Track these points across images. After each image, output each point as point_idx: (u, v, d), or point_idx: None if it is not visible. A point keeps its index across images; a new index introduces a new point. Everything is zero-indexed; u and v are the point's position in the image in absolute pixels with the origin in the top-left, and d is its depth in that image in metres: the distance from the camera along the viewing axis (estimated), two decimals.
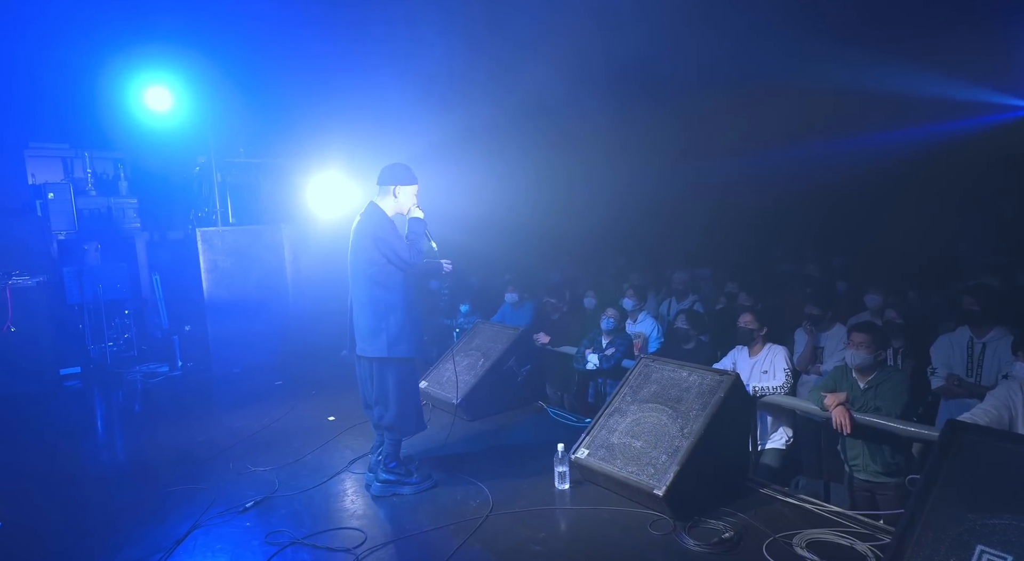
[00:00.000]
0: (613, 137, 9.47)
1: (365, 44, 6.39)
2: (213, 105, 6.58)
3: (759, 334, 4.31)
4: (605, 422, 3.41)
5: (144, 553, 2.81)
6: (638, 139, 9.80)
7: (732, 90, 8.24)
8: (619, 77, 7.93)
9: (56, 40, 6.01)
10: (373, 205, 3.32)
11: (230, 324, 6.45)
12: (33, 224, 6.47)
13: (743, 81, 7.98)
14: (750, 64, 7.49)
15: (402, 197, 3.34)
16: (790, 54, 7.36)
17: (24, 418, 5.17)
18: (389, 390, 3.28)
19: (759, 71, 7.71)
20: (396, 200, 3.33)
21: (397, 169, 3.36)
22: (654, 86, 8.22)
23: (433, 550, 2.77)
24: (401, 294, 3.27)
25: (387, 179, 3.34)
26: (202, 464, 3.86)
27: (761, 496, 3.10)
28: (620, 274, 8.96)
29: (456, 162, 8.01)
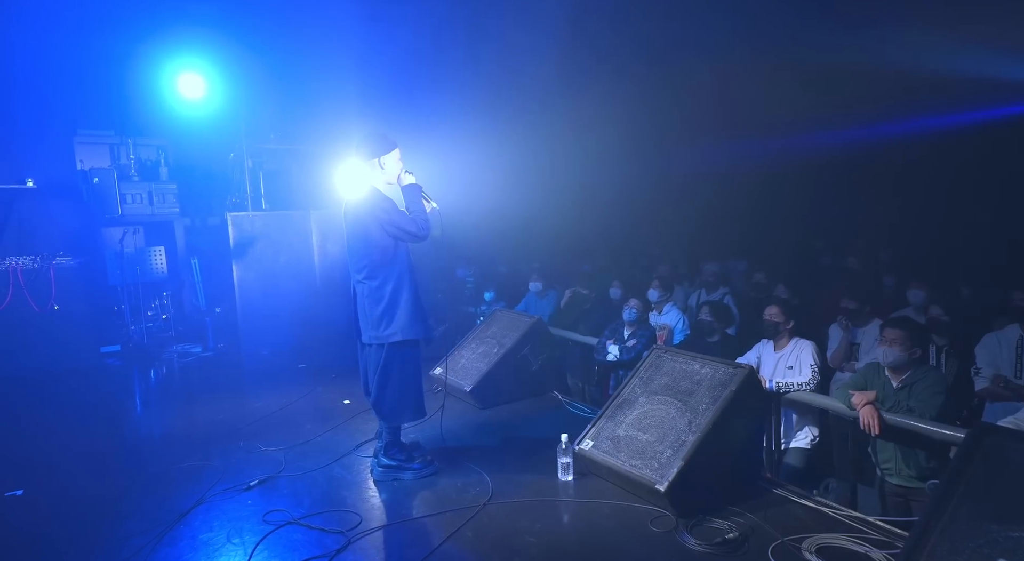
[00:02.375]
0: (649, 122, 9.17)
1: (394, 31, 6.37)
2: (245, 92, 6.70)
3: (785, 327, 4.09)
4: (612, 413, 3.29)
5: (148, 525, 2.87)
6: (675, 123, 9.46)
7: (776, 67, 7.83)
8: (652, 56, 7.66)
9: (102, 29, 6.23)
10: (367, 186, 3.23)
11: (259, 307, 6.59)
12: (79, 208, 6.77)
13: (786, 58, 7.56)
14: (795, 40, 7.08)
15: (388, 166, 3.23)
16: (845, 29, 6.91)
17: (64, 393, 5.42)
18: (391, 376, 3.23)
19: (805, 47, 7.28)
20: (384, 171, 3.22)
21: (374, 138, 3.22)
22: (691, 64, 7.89)
23: (424, 536, 2.72)
24: (406, 276, 3.21)
25: (368, 152, 3.20)
26: (217, 441, 3.94)
27: (774, 497, 2.92)
28: (651, 265, 8.72)
29: (487, 150, 7.95)
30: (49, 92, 6.51)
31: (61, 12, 5.74)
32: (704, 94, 8.35)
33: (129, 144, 7.70)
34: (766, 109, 8.85)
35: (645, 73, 7.81)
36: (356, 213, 3.21)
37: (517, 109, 8.19)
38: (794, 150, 9.86)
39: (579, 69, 7.32)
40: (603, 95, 8.14)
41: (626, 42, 7.03)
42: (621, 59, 7.44)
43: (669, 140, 9.78)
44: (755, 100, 8.55)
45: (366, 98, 6.62)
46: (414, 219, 3.14)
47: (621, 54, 7.31)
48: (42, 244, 6.23)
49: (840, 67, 7.58)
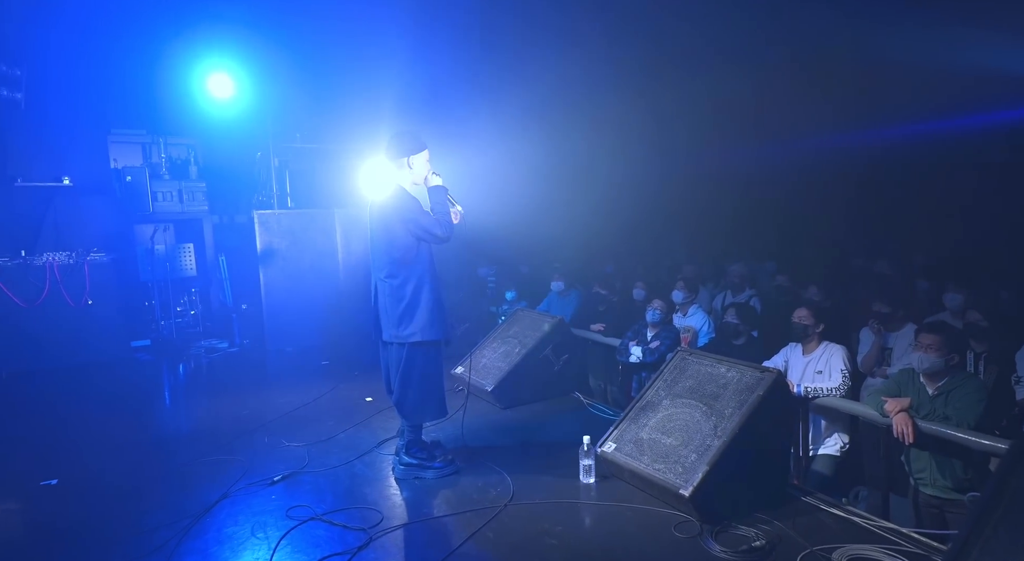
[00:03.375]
0: (676, 122, 9.06)
1: (417, 28, 6.38)
2: (272, 92, 6.80)
3: (815, 331, 3.99)
4: (636, 416, 3.24)
5: (175, 517, 2.92)
6: (702, 124, 9.32)
7: (806, 67, 7.66)
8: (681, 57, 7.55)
9: (135, 30, 6.36)
10: (394, 184, 3.24)
11: (284, 304, 6.68)
12: (112, 205, 6.94)
13: (816, 58, 7.39)
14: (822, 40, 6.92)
15: (416, 166, 3.23)
16: (873, 28, 6.73)
17: (95, 386, 5.56)
18: (413, 375, 3.23)
19: (834, 48, 7.11)
20: (412, 171, 3.23)
21: (404, 137, 3.22)
22: (722, 65, 7.76)
23: (445, 535, 2.72)
24: (428, 276, 3.21)
25: (397, 151, 3.21)
26: (242, 436, 3.99)
27: (803, 505, 2.85)
28: (676, 265, 8.61)
29: (511, 149, 7.93)
30: (84, 92, 6.68)
31: (96, 14, 5.87)
32: (732, 95, 8.21)
33: (160, 143, 7.88)
34: (795, 110, 8.67)
35: (674, 74, 7.71)
36: (382, 211, 3.22)
37: (542, 108, 8.16)
38: (824, 151, 9.64)
39: (608, 69, 7.26)
40: (631, 95, 8.06)
41: (654, 43, 6.95)
42: (650, 60, 7.36)
43: (696, 141, 9.65)
44: (783, 101, 8.39)
45: (392, 97, 6.66)
46: (439, 220, 3.14)
47: (650, 55, 7.23)
48: (77, 240, 6.40)
49: (872, 67, 7.38)
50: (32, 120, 6.23)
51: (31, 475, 3.47)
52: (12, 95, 5.41)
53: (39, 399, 5.19)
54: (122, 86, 7.04)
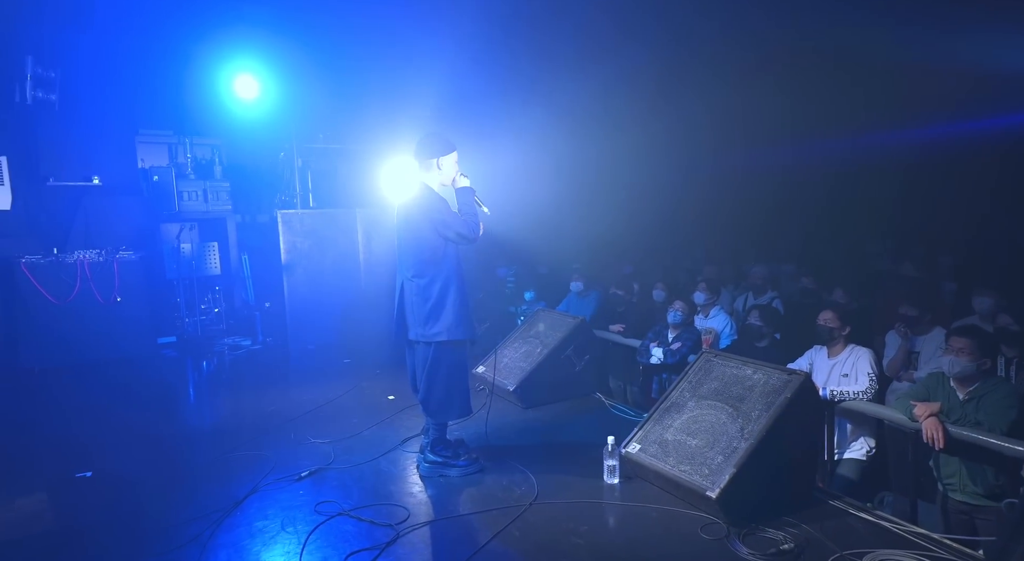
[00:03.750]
0: (696, 123, 9.01)
1: (439, 28, 6.42)
2: (296, 92, 6.88)
3: (840, 333, 3.95)
4: (660, 417, 3.24)
5: (207, 510, 2.98)
6: (722, 125, 9.25)
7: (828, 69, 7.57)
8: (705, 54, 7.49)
9: (162, 32, 6.49)
10: (421, 185, 3.28)
11: (306, 303, 6.76)
12: (140, 204, 7.08)
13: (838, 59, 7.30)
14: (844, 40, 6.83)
15: (445, 167, 3.26)
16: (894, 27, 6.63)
17: (125, 381, 5.68)
18: (439, 374, 3.27)
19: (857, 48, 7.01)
20: (440, 172, 3.26)
21: (434, 139, 3.26)
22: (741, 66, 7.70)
23: (471, 533, 2.74)
24: (454, 276, 3.24)
25: (427, 152, 3.24)
26: (268, 433, 4.06)
27: (831, 508, 2.83)
28: (695, 267, 8.56)
29: (528, 150, 7.94)
30: (113, 93, 6.82)
31: (125, 17, 5.99)
32: (753, 96, 8.14)
33: (186, 143, 8.01)
34: (815, 112, 8.58)
35: (696, 75, 7.67)
36: (409, 212, 3.25)
37: (562, 109, 8.16)
38: (847, 152, 9.52)
39: (629, 70, 7.24)
40: (651, 96, 8.03)
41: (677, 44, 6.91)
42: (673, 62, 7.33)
43: (717, 143, 9.58)
44: (803, 102, 8.30)
45: (413, 98, 6.71)
46: (466, 221, 3.17)
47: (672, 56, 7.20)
48: (106, 239, 6.55)
49: (900, 66, 7.27)
50: (64, 121, 6.39)
51: (66, 467, 3.56)
52: (47, 97, 5.55)
53: (70, 394, 5.32)
54: (149, 87, 7.17)
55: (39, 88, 5.45)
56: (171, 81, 7.19)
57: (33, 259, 5.91)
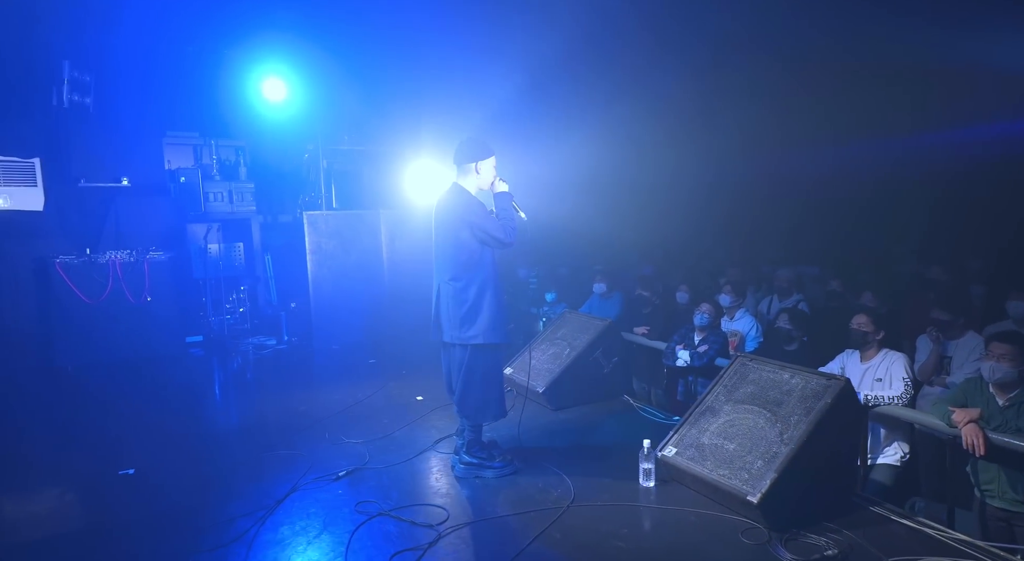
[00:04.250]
0: (714, 121, 8.97)
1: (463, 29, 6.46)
2: (322, 95, 6.95)
3: (874, 338, 3.92)
4: (696, 421, 3.25)
5: (250, 508, 3.04)
6: (741, 123, 9.20)
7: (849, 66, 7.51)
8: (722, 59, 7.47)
9: (187, 35, 6.59)
10: (457, 187, 3.30)
11: (331, 303, 6.83)
12: (168, 205, 7.19)
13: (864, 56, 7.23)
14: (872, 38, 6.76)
15: (484, 172, 3.30)
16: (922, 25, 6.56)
17: (156, 379, 5.79)
18: (475, 377, 3.30)
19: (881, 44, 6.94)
20: (478, 176, 3.29)
21: (473, 144, 3.29)
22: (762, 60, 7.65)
23: (512, 534, 2.77)
24: (491, 280, 3.27)
25: (466, 156, 3.28)
26: (301, 432, 4.12)
27: (871, 515, 2.82)
28: (716, 269, 8.53)
29: (549, 152, 7.96)
30: (143, 96, 6.93)
31: (156, 21, 6.09)
32: (778, 98, 8.10)
33: (212, 145, 8.12)
34: (841, 114, 8.52)
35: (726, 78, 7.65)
36: (447, 214, 3.28)
37: (581, 111, 8.17)
38: (870, 156, 9.44)
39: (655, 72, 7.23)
40: (675, 97, 8.01)
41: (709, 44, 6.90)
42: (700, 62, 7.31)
43: (741, 145, 9.54)
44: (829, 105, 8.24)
45: (437, 100, 6.76)
46: (503, 225, 3.20)
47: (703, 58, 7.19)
48: (136, 239, 6.66)
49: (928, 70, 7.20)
50: (96, 123, 6.50)
51: (108, 465, 3.63)
52: (83, 100, 5.66)
53: (105, 392, 5.41)
54: (177, 90, 7.29)
55: (75, 92, 5.56)
56: (198, 84, 7.30)
57: (67, 259, 6.03)
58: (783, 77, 7.72)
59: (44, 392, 5.47)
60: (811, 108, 8.47)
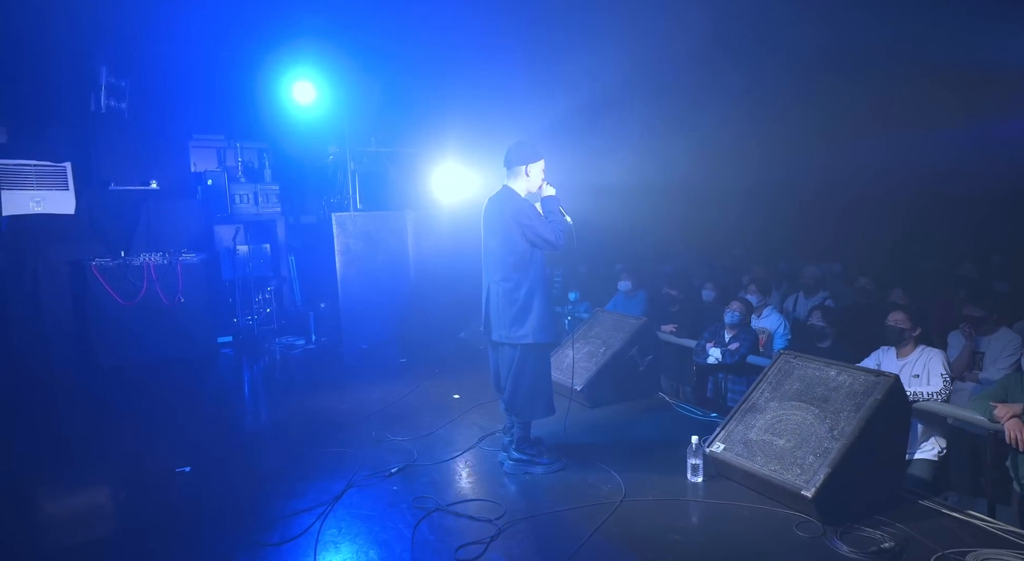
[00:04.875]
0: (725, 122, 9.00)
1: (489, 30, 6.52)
2: (350, 98, 7.02)
3: (911, 334, 3.98)
4: (742, 417, 3.32)
5: (309, 504, 3.13)
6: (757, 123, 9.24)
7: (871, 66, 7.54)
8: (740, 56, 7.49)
9: (220, 40, 6.67)
10: (508, 189, 3.37)
11: (359, 303, 6.92)
12: (195, 207, 7.29)
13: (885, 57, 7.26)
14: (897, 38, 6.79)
15: (533, 175, 3.37)
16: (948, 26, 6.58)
17: (193, 379, 5.90)
18: (525, 375, 3.37)
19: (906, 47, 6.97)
20: (528, 179, 3.36)
21: (525, 147, 3.37)
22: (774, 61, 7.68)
23: (570, 528, 2.84)
24: (540, 280, 3.34)
25: (517, 159, 3.35)
26: (347, 430, 4.21)
27: (920, 508, 2.88)
28: (736, 266, 8.59)
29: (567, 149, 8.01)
30: (172, 100, 7.04)
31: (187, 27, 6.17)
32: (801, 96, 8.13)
33: (237, 147, 8.22)
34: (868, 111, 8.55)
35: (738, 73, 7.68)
36: (499, 215, 3.35)
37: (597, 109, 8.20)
38: (883, 152, 9.46)
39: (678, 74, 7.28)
40: (691, 92, 8.05)
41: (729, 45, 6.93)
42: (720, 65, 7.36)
43: (757, 143, 9.57)
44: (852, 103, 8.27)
45: (462, 100, 6.82)
46: (553, 228, 3.27)
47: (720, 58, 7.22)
48: (167, 241, 6.76)
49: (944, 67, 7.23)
50: (127, 127, 6.61)
51: (164, 463, 3.73)
52: (119, 105, 5.75)
53: (146, 391, 5.53)
54: (204, 93, 7.39)
55: (112, 97, 5.65)
56: (225, 87, 7.39)
57: (103, 262, 6.14)
58: (799, 77, 7.75)
59: (87, 392, 5.59)
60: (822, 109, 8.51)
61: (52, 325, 6.16)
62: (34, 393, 5.52)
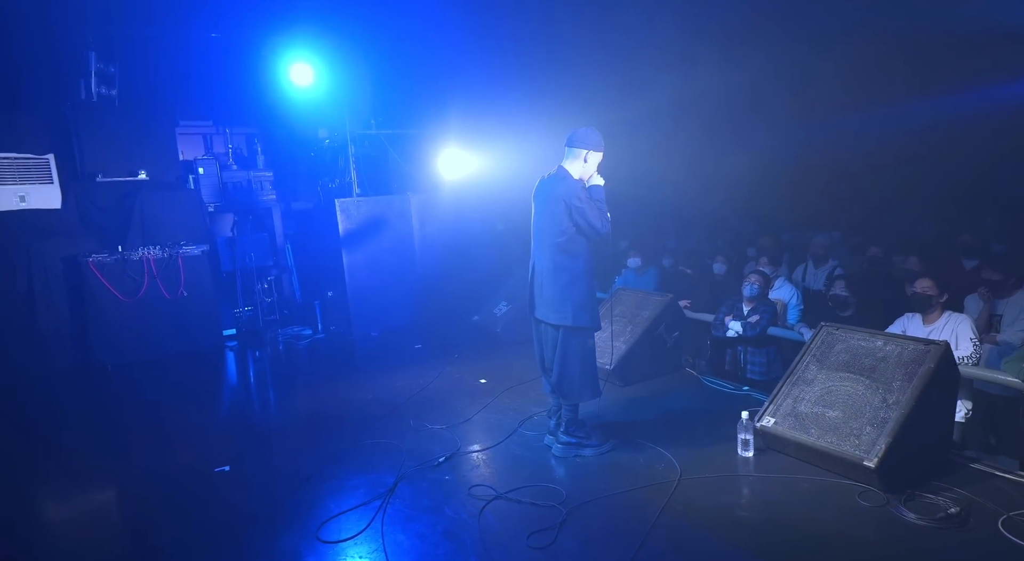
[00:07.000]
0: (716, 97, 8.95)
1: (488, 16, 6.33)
2: (348, 80, 6.77)
3: (939, 301, 4.05)
4: (789, 391, 3.34)
5: (365, 498, 3.08)
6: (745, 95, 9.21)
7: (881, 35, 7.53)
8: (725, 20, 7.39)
9: (204, 21, 6.36)
10: (563, 170, 3.31)
11: (367, 290, 6.79)
12: (188, 197, 7.00)
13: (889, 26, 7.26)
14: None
15: (591, 162, 3.32)
16: None
17: (206, 375, 5.75)
18: (571, 358, 3.34)
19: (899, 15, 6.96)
20: (585, 165, 3.31)
21: (591, 134, 3.31)
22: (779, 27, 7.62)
23: (636, 510, 2.84)
24: (586, 263, 3.29)
25: (581, 142, 3.29)
26: (380, 421, 4.14)
27: (974, 471, 2.96)
28: (737, 239, 8.65)
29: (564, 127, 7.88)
30: (158, 86, 6.70)
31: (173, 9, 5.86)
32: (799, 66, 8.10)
33: (226, 133, 7.91)
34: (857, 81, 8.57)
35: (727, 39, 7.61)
36: (551, 194, 3.28)
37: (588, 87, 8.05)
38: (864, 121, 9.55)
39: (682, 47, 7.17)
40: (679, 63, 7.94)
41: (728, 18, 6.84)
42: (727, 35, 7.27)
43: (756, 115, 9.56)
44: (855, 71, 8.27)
45: (465, 80, 6.64)
46: (601, 214, 3.22)
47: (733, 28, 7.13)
48: (162, 234, 6.48)
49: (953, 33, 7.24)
50: (115, 115, 6.28)
51: (200, 463, 3.62)
52: (109, 92, 5.44)
53: (159, 389, 5.36)
54: (190, 78, 7.06)
55: (102, 84, 5.35)
56: (211, 71, 7.07)
57: (100, 257, 5.89)
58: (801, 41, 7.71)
59: (95, 393, 5.40)
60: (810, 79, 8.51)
61: (49, 326, 5.91)
62: (35, 397, 5.31)
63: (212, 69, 7.04)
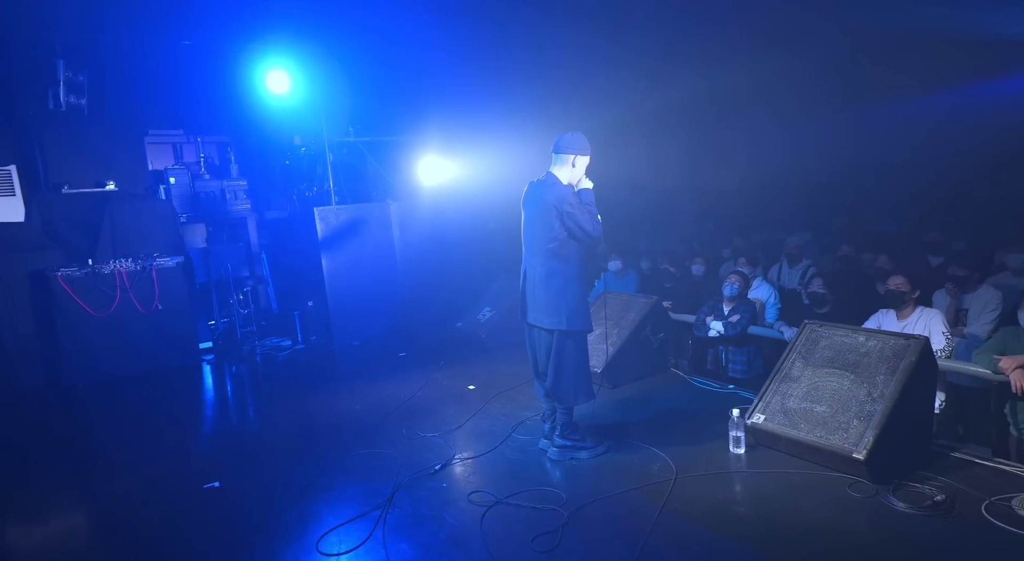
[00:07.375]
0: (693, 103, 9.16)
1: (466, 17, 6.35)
2: (326, 87, 6.70)
3: (911, 297, 4.21)
4: (777, 388, 3.44)
5: (363, 508, 3.04)
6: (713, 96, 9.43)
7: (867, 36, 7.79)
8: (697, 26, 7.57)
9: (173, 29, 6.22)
10: (552, 176, 3.34)
11: (347, 299, 6.71)
12: (161, 208, 6.81)
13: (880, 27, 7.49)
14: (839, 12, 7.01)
15: (579, 167, 3.35)
16: None
17: (185, 390, 5.58)
18: (565, 362, 3.37)
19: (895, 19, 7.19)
20: (573, 170, 3.34)
21: (577, 139, 3.34)
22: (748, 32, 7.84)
23: (636, 509, 2.88)
24: (578, 267, 3.33)
25: (568, 148, 3.33)
26: (372, 430, 4.10)
27: (954, 459, 3.09)
28: (711, 240, 8.83)
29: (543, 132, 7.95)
30: (126, 94, 6.53)
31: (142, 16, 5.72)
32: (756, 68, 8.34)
33: (197, 142, 7.74)
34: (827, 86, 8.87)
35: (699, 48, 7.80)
36: (541, 200, 3.30)
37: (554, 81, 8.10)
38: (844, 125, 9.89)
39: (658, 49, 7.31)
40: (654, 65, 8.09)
41: None
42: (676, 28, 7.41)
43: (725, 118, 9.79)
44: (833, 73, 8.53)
45: (443, 88, 6.65)
46: (592, 219, 3.26)
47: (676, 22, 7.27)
48: (134, 246, 6.29)
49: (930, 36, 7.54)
50: (81, 125, 6.09)
51: (187, 481, 3.53)
52: (78, 101, 5.28)
53: (135, 406, 5.20)
54: (159, 87, 6.90)
55: (71, 93, 5.18)
56: (181, 79, 6.92)
57: (69, 272, 5.69)
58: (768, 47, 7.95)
59: (70, 411, 5.20)
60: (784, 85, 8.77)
61: (14, 343, 5.67)
62: (2, 419, 5.09)
63: (184, 77, 6.89)
